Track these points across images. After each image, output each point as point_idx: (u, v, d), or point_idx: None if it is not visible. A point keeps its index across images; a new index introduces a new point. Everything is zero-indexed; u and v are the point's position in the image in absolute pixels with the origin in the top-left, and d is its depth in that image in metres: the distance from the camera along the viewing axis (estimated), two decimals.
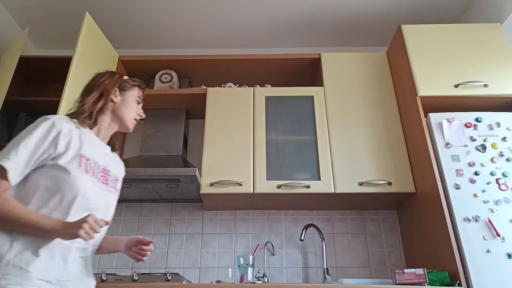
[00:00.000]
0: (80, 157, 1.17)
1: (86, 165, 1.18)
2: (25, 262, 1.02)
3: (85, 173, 1.17)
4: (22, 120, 2.57)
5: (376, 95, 2.44)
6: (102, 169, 1.26)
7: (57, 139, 1.13)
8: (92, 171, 1.20)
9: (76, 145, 1.17)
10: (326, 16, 2.79)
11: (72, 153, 1.15)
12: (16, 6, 2.64)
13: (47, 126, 1.13)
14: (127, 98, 1.38)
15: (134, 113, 1.39)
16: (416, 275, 1.81)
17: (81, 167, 1.16)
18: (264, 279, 2.24)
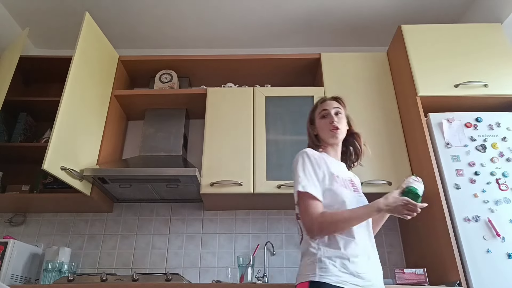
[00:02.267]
0: (332, 175, 1.42)
1: (339, 181, 1.42)
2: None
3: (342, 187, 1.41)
4: (22, 120, 2.57)
5: (376, 95, 2.44)
6: (350, 181, 1.48)
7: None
8: (344, 185, 1.43)
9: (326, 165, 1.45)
10: (326, 16, 2.79)
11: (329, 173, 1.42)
12: (16, 6, 2.64)
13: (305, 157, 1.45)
14: (316, 124, 1.56)
15: (325, 129, 1.51)
16: (416, 275, 1.81)
17: (338, 183, 1.41)
18: (264, 279, 2.24)
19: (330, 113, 1.50)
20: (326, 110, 1.52)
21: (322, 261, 1.27)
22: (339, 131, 1.48)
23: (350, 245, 1.30)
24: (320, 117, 1.53)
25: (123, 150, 2.75)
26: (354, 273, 1.26)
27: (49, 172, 1.89)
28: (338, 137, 1.48)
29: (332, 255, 1.28)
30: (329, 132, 1.47)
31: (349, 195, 1.38)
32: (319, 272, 1.25)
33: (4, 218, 2.47)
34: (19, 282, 2.04)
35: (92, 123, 2.33)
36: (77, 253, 2.38)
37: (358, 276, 1.26)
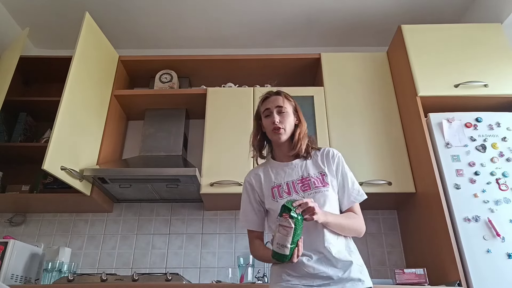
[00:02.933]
0: (271, 189, 1.42)
1: (278, 192, 1.40)
2: None
3: (279, 198, 1.38)
4: (22, 120, 2.57)
5: (376, 95, 2.44)
6: (298, 181, 1.40)
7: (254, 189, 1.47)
8: (287, 192, 1.39)
9: (267, 182, 1.45)
10: (326, 16, 2.79)
11: (267, 190, 1.43)
12: (16, 6, 2.64)
13: (244, 187, 1.51)
14: (263, 123, 1.49)
15: (269, 129, 1.45)
16: (416, 275, 1.81)
17: (274, 198, 1.40)
18: (264, 279, 2.23)
19: (273, 112, 1.44)
20: (268, 109, 1.46)
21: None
22: (282, 131, 1.41)
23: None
24: (264, 116, 1.47)
25: (123, 150, 2.75)
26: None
27: (49, 172, 1.89)
28: (281, 137, 1.42)
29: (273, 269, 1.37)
30: (272, 132, 1.43)
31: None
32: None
33: (4, 218, 2.47)
34: (19, 282, 2.03)
35: (92, 123, 2.33)
36: (77, 253, 2.38)
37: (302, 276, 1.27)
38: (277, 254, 1.17)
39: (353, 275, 1.27)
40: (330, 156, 1.45)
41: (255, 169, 1.52)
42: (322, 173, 1.41)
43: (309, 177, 1.40)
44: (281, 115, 1.44)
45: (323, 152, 1.47)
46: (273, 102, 1.47)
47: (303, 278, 1.26)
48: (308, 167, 1.43)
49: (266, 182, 1.44)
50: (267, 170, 1.47)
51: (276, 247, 1.17)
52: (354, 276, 1.26)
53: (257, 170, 1.50)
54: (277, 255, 1.17)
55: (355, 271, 1.28)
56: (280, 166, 1.46)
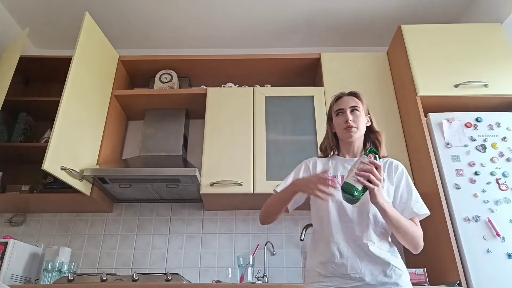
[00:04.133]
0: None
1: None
2: None
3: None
4: (22, 120, 2.57)
5: (376, 95, 2.44)
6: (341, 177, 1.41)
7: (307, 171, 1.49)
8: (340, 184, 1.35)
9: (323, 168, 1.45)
10: (326, 16, 2.79)
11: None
12: (16, 6, 2.64)
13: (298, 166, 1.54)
14: (334, 122, 1.51)
15: (341, 128, 1.46)
16: (416, 275, 1.81)
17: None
18: (264, 279, 2.24)
19: (346, 111, 1.46)
20: (341, 108, 1.47)
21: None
22: (354, 130, 1.42)
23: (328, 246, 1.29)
24: (336, 115, 1.49)
25: (123, 150, 2.75)
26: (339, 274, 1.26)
27: (49, 172, 1.89)
28: (353, 135, 1.43)
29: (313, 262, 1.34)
30: (344, 130, 1.44)
31: (335, 192, 1.29)
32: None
33: (4, 218, 2.47)
34: (19, 282, 2.04)
35: (92, 123, 2.33)
36: (77, 253, 2.38)
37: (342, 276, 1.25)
38: (350, 185, 1.18)
39: (390, 280, 1.23)
40: (393, 166, 1.45)
41: (316, 158, 1.54)
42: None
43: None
44: (354, 114, 1.45)
45: (387, 161, 1.47)
46: (347, 102, 1.49)
47: (336, 279, 1.25)
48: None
49: (320, 169, 1.45)
50: (327, 161, 1.49)
51: (352, 179, 1.19)
52: (390, 281, 1.23)
53: (318, 159, 1.53)
54: (349, 186, 1.18)
55: (393, 275, 1.25)
56: (340, 160, 1.47)
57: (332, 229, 1.30)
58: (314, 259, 1.33)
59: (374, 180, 1.18)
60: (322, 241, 1.33)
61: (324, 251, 1.30)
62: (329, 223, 1.31)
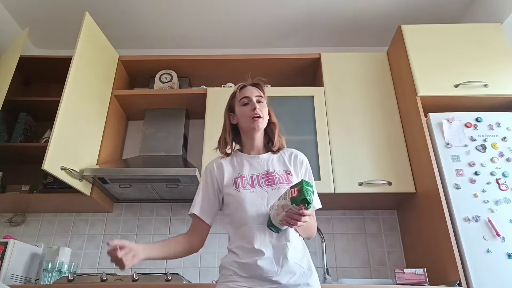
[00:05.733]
0: (234, 180, 1.38)
1: (242, 182, 1.37)
2: None
3: (242, 189, 1.36)
4: (22, 120, 2.57)
5: (376, 95, 2.44)
6: (263, 175, 1.39)
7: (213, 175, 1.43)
8: (250, 184, 1.37)
9: (230, 172, 1.41)
10: (326, 16, 2.79)
11: (228, 180, 1.39)
12: (16, 6, 2.64)
13: (204, 174, 1.46)
14: (237, 111, 1.46)
15: (246, 116, 1.43)
16: (416, 275, 1.81)
17: (236, 187, 1.36)
18: None
19: (252, 100, 1.43)
20: (247, 97, 1.44)
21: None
22: (261, 120, 1.41)
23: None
24: (241, 104, 1.44)
25: (123, 150, 2.75)
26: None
27: (49, 172, 1.90)
28: (260, 125, 1.41)
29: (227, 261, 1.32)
30: (250, 120, 1.40)
31: (248, 195, 1.32)
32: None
33: (4, 218, 2.47)
34: (19, 282, 2.04)
35: (92, 123, 2.33)
36: (77, 253, 2.38)
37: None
38: (276, 227, 1.24)
39: (302, 281, 1.25)
40: (298, 160, 1.46)
41: (219, 158, 1.47)
42: (288, 172, 1.41)
43: (274, 173, 1.39)
44: (260, 104, 1.44)
45: (291, 153, 1.48)
46: (251, 91, 1.46)
47: (251, 280, 1.23)
48: (274, 163, 1.43)
49: (228, 172, 1.41)
50: (232, 161, 1.44)
51: (278, 223, 1.22)
52: (302, 282, 1.25)
53: (221, 160, 1.46)
54: (275, 228, 1.25)
55: (305, 276, 1.26)
56: (245, 158, 1.44)
57: (252, 233, 1.27)
58: (230, 258, 1.30)
59: (299, 225, 1.17)
60: (239, 241, 1.30)
61: (241, 254, 1.27)
62: (249, 228, 1.28)
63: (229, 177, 1.39)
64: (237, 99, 1.47)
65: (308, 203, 1.13)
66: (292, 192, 1.15)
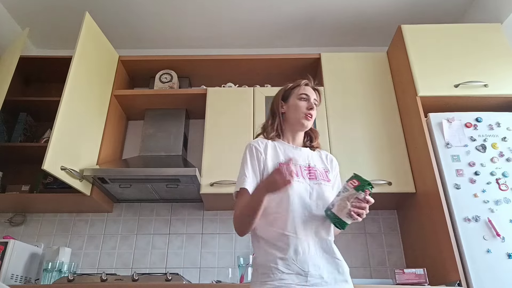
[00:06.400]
0: (279, 164, 1.31)
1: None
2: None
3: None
4: (22, 120, 2.57)
5: (376, 95, 2.44)
6: (305, 168, 1.39)
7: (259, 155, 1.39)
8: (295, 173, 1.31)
9: (273, 156, 1.39)
10: (326, 16, 2.79)
11: (272, 163, 1.36)
12: (16, 6, 2.64)
13: (248, 150, 1.41)
14: (291, 102, 1.47)
15: (300, 112, 1.44)
16: (416, 275, 1.81)
17: None
18: None
19: (310, 100, 1.46)
20: (308, 95, 1.46)
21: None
22: (311, 120, 1.45)
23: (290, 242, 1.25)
24: (298, 99, 1.46)
25: (123, 150, 2.75)
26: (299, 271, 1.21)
27: (49, 172, 1.90)
28: (308, 124, 1.44)
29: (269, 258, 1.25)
30: (303, 116, 1.42)
31: (294, 183, 1.26)
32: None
33: (4, 218, 2.47)
34: (19, 282, 2.04)
35: (92, 123, 2.33)
36: (77, 253, 2.38)
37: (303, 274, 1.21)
38: (342, 222, 1.21)
39: (341, 277, 1.26)
40: (333, 163, 1.50)
41: (261, 139, 1.46)
42: (326, 170, 1.44)
43: (316, 168, 1.40)
44: (313, 108, 1.47)
45: (326, 154, 1.52)
46: (312, 93, 1.49)
47: (296, 276, 1.20)
48: (314, 159, 1.45)
49: (272, 155, 1.40)
50: (274, 146, 1.43)
51: (345, 216, 1.20)
52: (342, 278, 1.26)
53: (264, 140, 1.44)
54: (341, 223, 1.22)
55: (344, 271, 1.28)
56: (289, 147, 1.44)
57: (295, 224, 1.26)
58: (271, 254, 1.24)
59: (363, 216, 1.20)
60: (282, 236, 1.25)
61: (283, 246, 1.23)
62: (292, 218, 1.26)
63: (273, 161, 1.38)
64: (296, 92, 1.48)
65: (372, 187, 1.18)
66: (353, 183, 1.20)
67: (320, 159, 1.47)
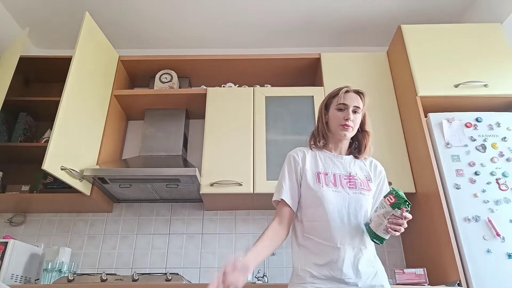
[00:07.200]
0: (317, 174, 1.40)
1: (325, 179, 1.39)
2: None
3: (325, 186, 1.37)
4: (22, 120, 2.57)
5: (376, 95, 2.44)
6: (345, 177, 1.41)
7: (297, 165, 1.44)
8: (333, 183, 1.38)
9: (313, 165, 1.42)
10: (326, 16, 2.79)
11: (311, 172, 1.40)
12: (16, 6, 2.64)
13: (287, 160, 1.47)
14: (330, 112, 1.48)
15: (337, 122, 1.44)
16: (416, 275, 1.81)
17: (319, 182, 1.37)
18: (264, 279, 2.24)
19: (348, 109, 1.43)
20: (345, 105, 1.44)
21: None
22: (350, 129, 1.42)
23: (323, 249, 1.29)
24: (337, 108, 1.45)
25: (123, 150, 2.75)
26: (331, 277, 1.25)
27: (49, 172, 1.89)
28: (347, 135, 1.42)
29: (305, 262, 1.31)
30: (340, 127, 1.42)
31: (330, 193, 1.34)
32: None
33: (4, 218, 2.47)
34: (19, 282, 2.04)
35: (92, 123, 2.33)
36: (77, 253, 2.38)
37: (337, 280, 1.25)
38: (380, 238, 1.25)
39: (377, 282, 1.28)
40: (377, 170, 1.50)
41: (301, 148, 1.49)
42: (368, 178, 1.44)
43: (356, 177, 1.41)
44: (354, 115, 1.44)
45: (371, 161, 1.51)
46: (352, 99, 1.45)
47: (329, 282, 1.25)
48: (356, 167, 1.45)
49: (312, 164, 1.42)
50: (315, 155, 1.46)
51: (382, 232, 1.24)
52: (377, 283, 1.28)
53: (304, 150, 1.48)
54: (379, 238, 1.26)
55: (378, 278, 1.29)
56: (329, 156, 1.46)
57: (331, 233, 1.29)
58: (307, 259, 1.30)
59: (402, 231, 1.21)
60: (318, 242, 1.30)
61: (319, 253, 1.28)
62: (327, 227, 1.30)
63: (312, 171, 1.40)
64: (335, 101, 1.47)
65: (409, 204, 1.18)
66: (389, 199, 1.21)
67: (363, 168, 1.47)
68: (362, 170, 1.45)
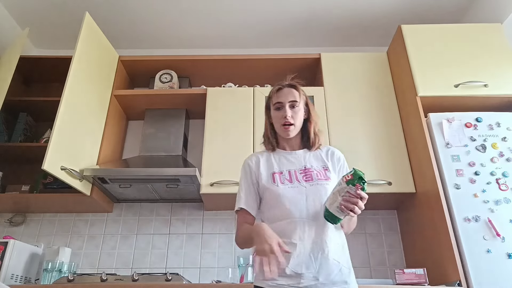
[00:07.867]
0: (272, 174, 1.40)
1: (280, 178, 1.39)
2: None
3: (280, 184, 1.37)
4: (22, 120, 2.58)
5: (376, 95, 2.44)
6: (301, 171, 1.40)
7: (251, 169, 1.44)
8: (289, 180, 1.38)
9: (267, 167, 1.43)
10: (326, 16, 2.79)
11: (266, 174, 1.41)
12: (16, 6, 2.64)
13: (243, 168, 1.47)
14: (271, 113, 1.48)
15: (278, 122, 1.43)
16: (416, 275, 1.81)
17: (275, 182, 1.38)
18: None
19: (285, 106, 1.41)
20: (281, 102, 1.42)
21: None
22: (291, 128, 1.40)
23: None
24: (274, 108, 1.44)
25: (123, 150, 2.75)
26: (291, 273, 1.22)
27: (49, 172, 1.89)
28: (290, 134, 1.41)
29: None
30: (281, 127, 1.41)
31: (286, 190, 1.33)
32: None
33: (4, 218, 2.47)
34: (19, 282, 2.04)
35: (92, 123, 2.33)
36: (77, 253, 2.38)
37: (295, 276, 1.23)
38: (333, 216, 1.21)
39: (340, 278, 1.25)
40: (335, 156, 1.47)
41: (256, 153, 1.51)
42: (325, 168, 1.42)
43: (312, 169, 1.40)
44: (293, 110, 1.42)
45: (327, 150, 1.49)
46: (286, 95, 1.44)
47: (290, 278, 1.22)
48: (311, 159, 1.44)
49: (266, 166, 1.43)
50: (269, 157, 1.46)
51: (336, 210, 1.20)
52: (340, 279, 1.24)
53: (259, 154, 1.49)
54: (332, 217, 1.21)
55: (343, 274, 1.26)
56: (282, 154, 1.46)
57: (291, 228, 1.27)
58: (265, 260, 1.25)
59: (357, 211, 1.18)
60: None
61: None
62: (287, 223, 1.28)
63: (267, 172, 1.41)
64: (272, 102, 1.47)
65: (363, 182, 1.14)
66: (346, 177, 1.17)
67: (318, 158, 1.45)
68: (318, 161, 1.44)
